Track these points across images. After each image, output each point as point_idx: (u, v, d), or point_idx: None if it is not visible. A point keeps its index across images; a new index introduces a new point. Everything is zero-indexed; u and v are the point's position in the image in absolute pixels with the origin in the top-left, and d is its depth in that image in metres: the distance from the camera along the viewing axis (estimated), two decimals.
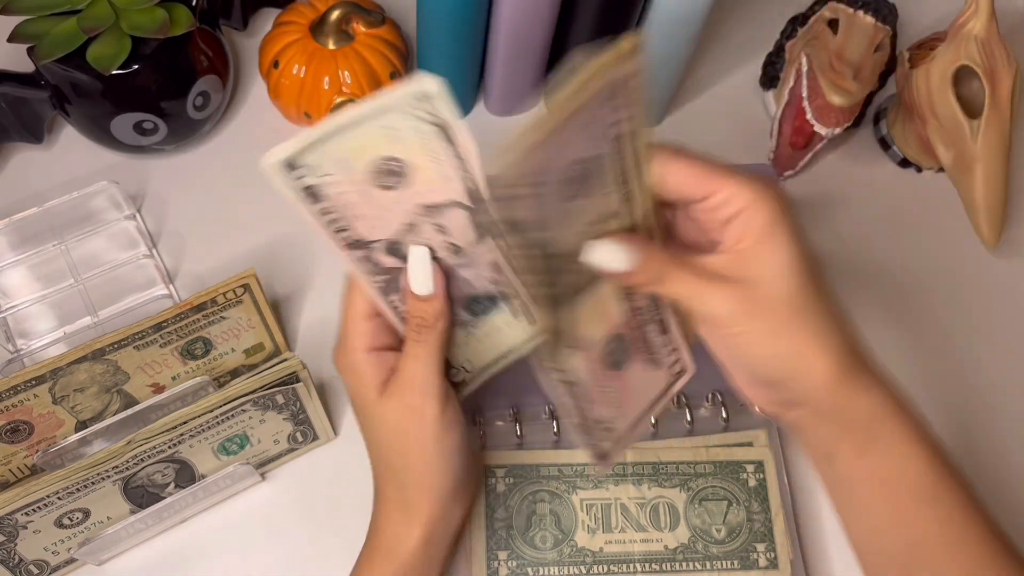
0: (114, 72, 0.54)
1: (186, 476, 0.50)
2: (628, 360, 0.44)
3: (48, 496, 0.44)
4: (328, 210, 0.36)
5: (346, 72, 0.60)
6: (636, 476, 0.53)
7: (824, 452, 0.40)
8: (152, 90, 0.56)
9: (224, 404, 0.46)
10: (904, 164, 0.68)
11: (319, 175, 0.34)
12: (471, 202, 0.36)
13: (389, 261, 0.39)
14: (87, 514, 0.47)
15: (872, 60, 0.62)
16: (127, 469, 0.46)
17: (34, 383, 0.46)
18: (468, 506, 0.48)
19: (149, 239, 0.60)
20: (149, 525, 0.50)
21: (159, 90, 0.57)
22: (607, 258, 0.37)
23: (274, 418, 0.50)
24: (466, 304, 0.42)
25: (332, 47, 0.60)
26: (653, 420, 0.55)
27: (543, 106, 0.32)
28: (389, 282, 0.39)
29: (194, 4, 0.56)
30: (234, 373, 0.54)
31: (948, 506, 0.39)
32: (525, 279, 0.38)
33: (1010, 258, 0.65)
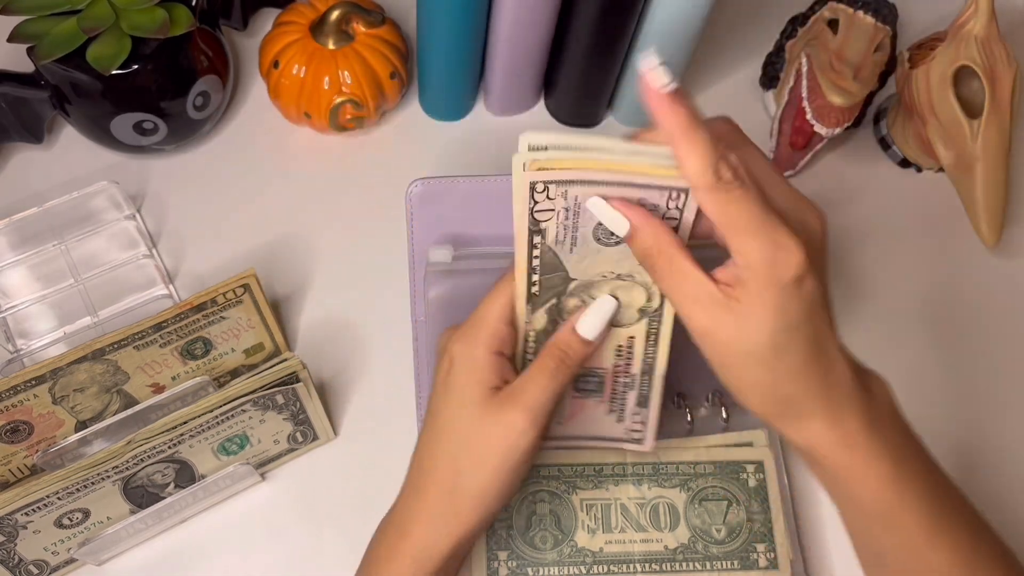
0: (114, 72, 0.54)
1: (186, 476, 0.50)
2: (594, 398, 0.46)
3: (48, 496, 0.44)
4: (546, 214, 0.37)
5: (346, 72, 0.60)
6: (636, 476, 0.53)
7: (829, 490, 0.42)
8: (152, 90, 0.56)
9: (224, 404, 0.46)
10: (904, 164, 0.68)
11: (559, 187, 0.36)
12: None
13: (571, 301, 0.41)
14: (87, 514, 0.47)
15: (872, 60, 0.62)
16: (127, 469, 0.46)
17: (34, 383, 0.46)
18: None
19: (149, 239, 0.60)
20: (149, 525, 0.50)
21: (159, 90, 0.57)
22: (609, 218, 0.37)
23: (274, 418, 0.50)
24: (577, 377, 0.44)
25: (332, 47, 0.60)
26: None
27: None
28: (534, 297, 0.41)
29: (194, 4, 0.56)
30: (234, 373, 0.54)
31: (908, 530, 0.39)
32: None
33: (1010, 258, 0.65)
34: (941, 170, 0.66)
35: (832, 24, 0.64)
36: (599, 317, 0.41)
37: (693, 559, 0.51)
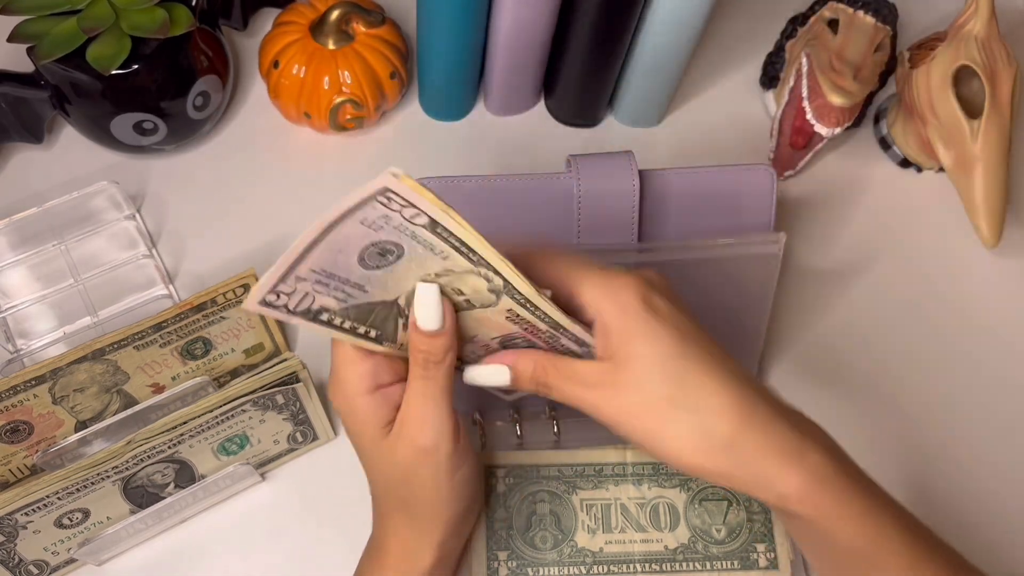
0: (114, 72, 0.54)
1: (186, 476, 0.50)
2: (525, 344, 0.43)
3: (48, 496, 0.44)
4: (328, 311, 0.36)
5: (346, 72, 0.60)
6: (636, 476, 0.53)
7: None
8: (152, 90, 0.56)
9: (224, 404, 0.46)
10: (904, 164, 0.68)
11: (301, 294, 0.35)
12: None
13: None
14: (87, 514, 0.47)
15: (872, 60, 0.62)
16: (127, 469, 0.46)
17: (34, 383, 0.46)
18: (475, 518, 0.48)
19: (149, 239, 0.60)
20: (149, 525, 0.50)
21: (159, 90, 0.57)
22: (488, 378, 0.39)
23: (274, 418, 0.50)
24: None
25: (332, 47, 0.60)
26: None
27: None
28: (379, 336, 0.39)
29: (194, 4, 0.56)
30: (234, 373, 0.54)
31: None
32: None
33: (1010, 258, 0.65)
34: (941, 170, 0.66)
35: (832, 24, 0.64)
36: (427, 306, 0.37)
37: (693, 559, 0.51)
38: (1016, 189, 0.66)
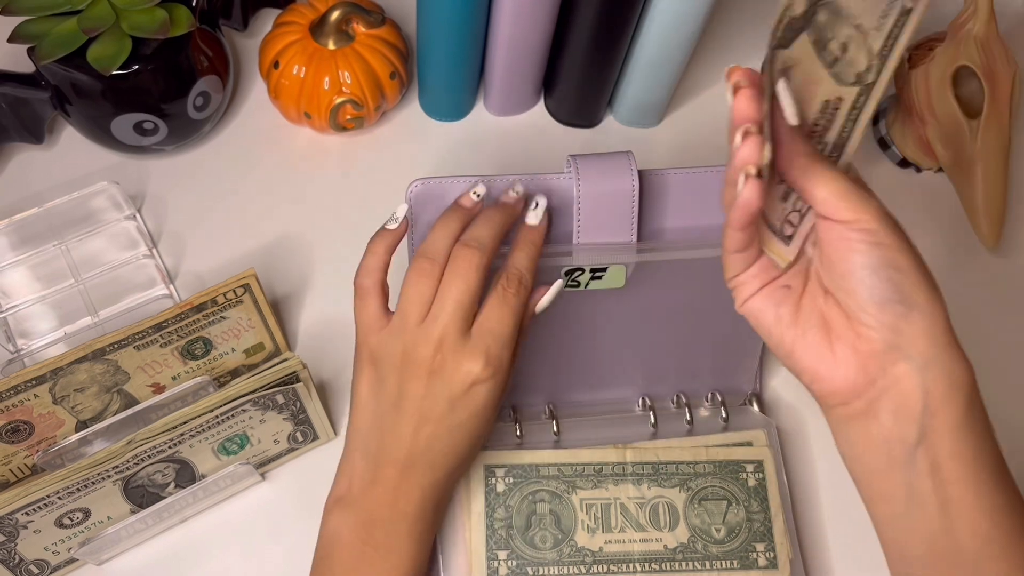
0: (114, 72, 0.54)
1: (186, 476, 0.50)
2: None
3: (48, 496, 0.44)
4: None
5: (346, 72, 0.60)
6: (636, 476, 0.53)
7: (912, 429, 0.39)
8: (152, 90, 0.57)
9: (224, 404, 0.46)
10: (903, 164, 0.68)
11: None
12: None
13: None
14: (87, 514, 0.47)
15: None
16: (127, 469, 0.46)
17: (34, 383, 0.46)
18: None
19: (149, 239, 0.60)
20: (149, 525, 0.50)
21: (159, 90, 0.57)
22: (786, 97, 0.38)
23: (274, 418, 0.50)
24: None
25: (332, 47, 0.60)
26: (653, 420, 0.55)
27: None
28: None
29: (194, 4, 0.56)
30: (234, 373, 0.54)
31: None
32: None
33: (1010, 258, 0.65)
34: (941, 170, 0.66)
35: None
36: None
37: (693, 559, 0.52)
38: (1016, 189, 0.66)
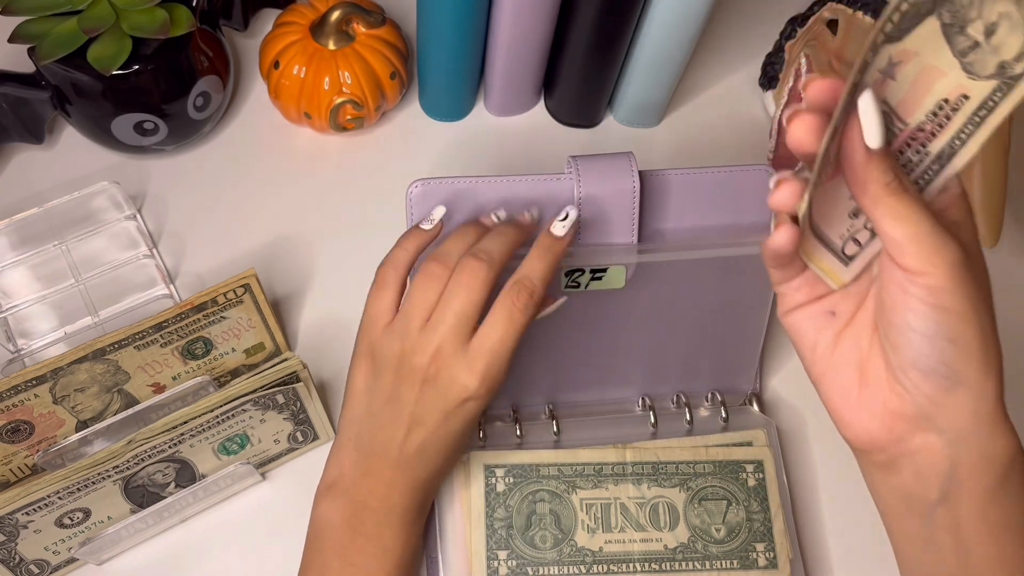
0: (114, 72, 0.54)
1: (186, 476, 0.50)
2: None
3: (48, 496, 0.44)
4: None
5: (346, 73, 0.60)
6: (636, 476, 0.53)
7: (934, 491, 0.37)
8: (153, 91, 0.57)
9: (224, 404, 0.46)
10: None
11: None
12: None
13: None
14: (87, 514, 0.47)
15: None
16: (127, 469, 0.46)
17: (35, 383, 0.46)
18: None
19: (149, 239, 0.60)
20: (149, 525, 0.50)
21: (159, 90, 0.57)
22: (870, 114, 0.32)
23: (274, 418, 0.50)
24: None
25: (332, 48, 0.60)
26: (653, 420, 0.55)
27: None
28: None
29: (195, 4, 0.56)
30: (234, 373, 0.54)
31: None
32: None
33: (1009, 258, 0.65)
34: None
35: (831, 25, 0.64)
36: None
37: (692, 559, 0.52)
38: (1015, 189, 0.66)
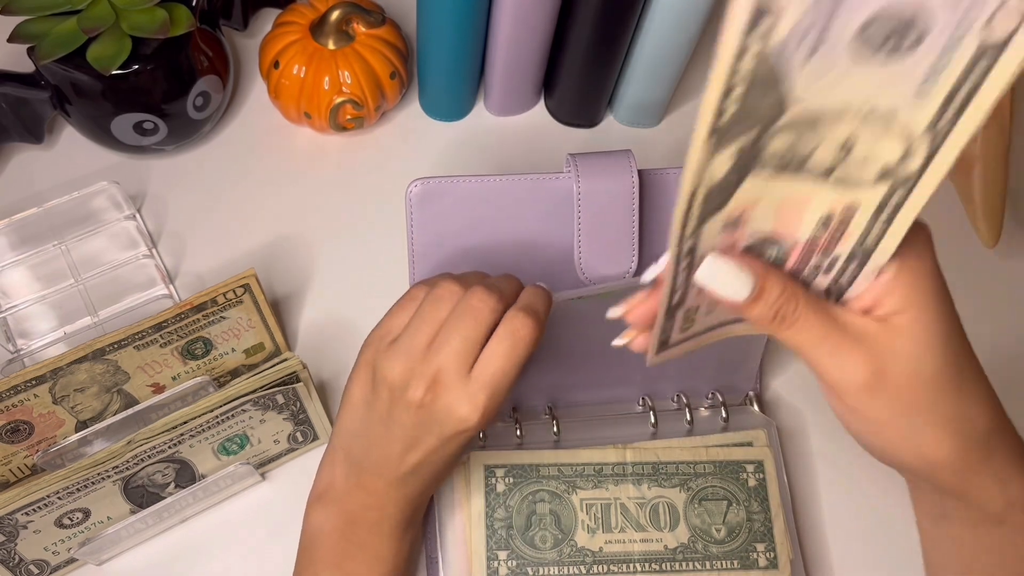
0: (114, 72, 0.54)
1: (186, 476, 0.50)
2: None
3: (48, 496, 0.44)
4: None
5: (346, 72, 0.60)
6: (636, 476, 0.53)
7: (937, 512, 0.38)
8: (152, 90, 0.57)
9: (224, 404, 0.46)
10: None
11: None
12: None
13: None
14: (87, 514, 0.47)
15: None
16: (127, 469, 0.46)
17: (34, 383, 0.46)
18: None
19: (149, 239, 0.60)
20: (149, 525, 0.50)
21: (159, 90, 0.57)
22: (720, 278, 0.31)
23: (274, 418, 0.50)
24: None
25: (332, 47, 0.60)
26: (653, 420, 0.55)
27: None
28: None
29: (194, 4, 0.56)
30: (234, 373, 0.54)
31: None
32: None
33: (1010, 258, 0.65)
34: None
35: None
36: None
37: (693, 559, 0.51)
38: (1015, 189, 0.66)
